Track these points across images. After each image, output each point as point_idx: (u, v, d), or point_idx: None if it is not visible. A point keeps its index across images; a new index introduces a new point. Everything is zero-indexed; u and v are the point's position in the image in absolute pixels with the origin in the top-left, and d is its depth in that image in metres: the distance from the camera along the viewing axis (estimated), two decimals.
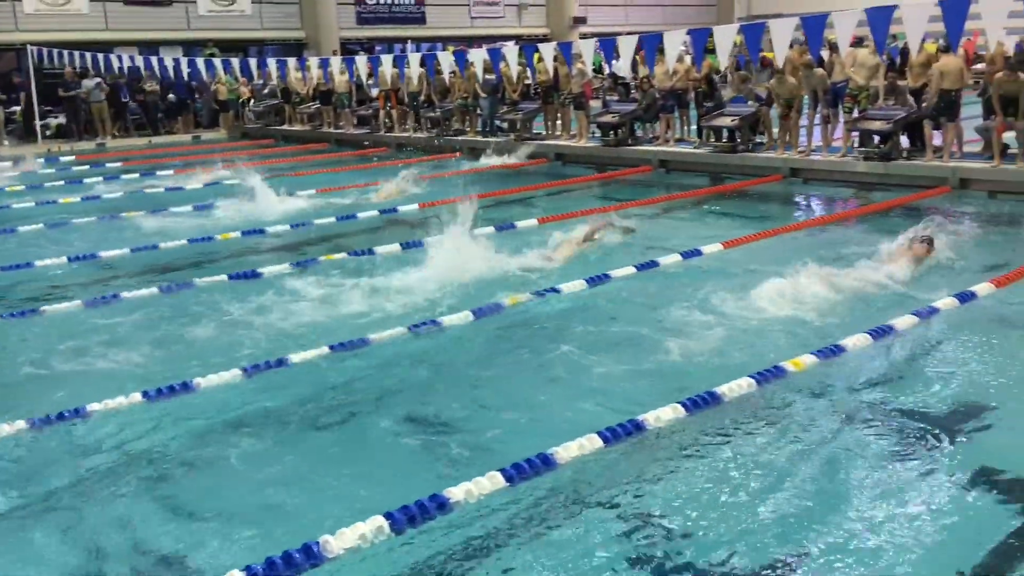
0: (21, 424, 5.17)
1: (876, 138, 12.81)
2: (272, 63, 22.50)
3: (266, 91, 24.09)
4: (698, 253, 8.72)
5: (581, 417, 5.11)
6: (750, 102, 14.63)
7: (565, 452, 4.52)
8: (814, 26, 13.04)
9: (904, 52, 16.14)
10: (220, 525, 4.18)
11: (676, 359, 6.06)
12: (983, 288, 7.15)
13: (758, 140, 14.70)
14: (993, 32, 11.71)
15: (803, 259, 8.22)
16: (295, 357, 6.17)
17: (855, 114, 12.98)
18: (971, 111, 12.98)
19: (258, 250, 10.12)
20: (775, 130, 14.19)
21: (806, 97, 13.66)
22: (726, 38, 14.30)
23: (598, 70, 23.48)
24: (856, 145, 13.13)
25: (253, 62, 22.86)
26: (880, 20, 12.29)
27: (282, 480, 4.60)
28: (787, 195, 12.66)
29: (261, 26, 28.96)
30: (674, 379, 5.70)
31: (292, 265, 8.91)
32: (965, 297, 6.96)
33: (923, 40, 12.78)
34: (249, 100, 24.14)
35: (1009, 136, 11.65)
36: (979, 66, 17.95)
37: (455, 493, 4.13)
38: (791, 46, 13.32)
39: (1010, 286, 7.28)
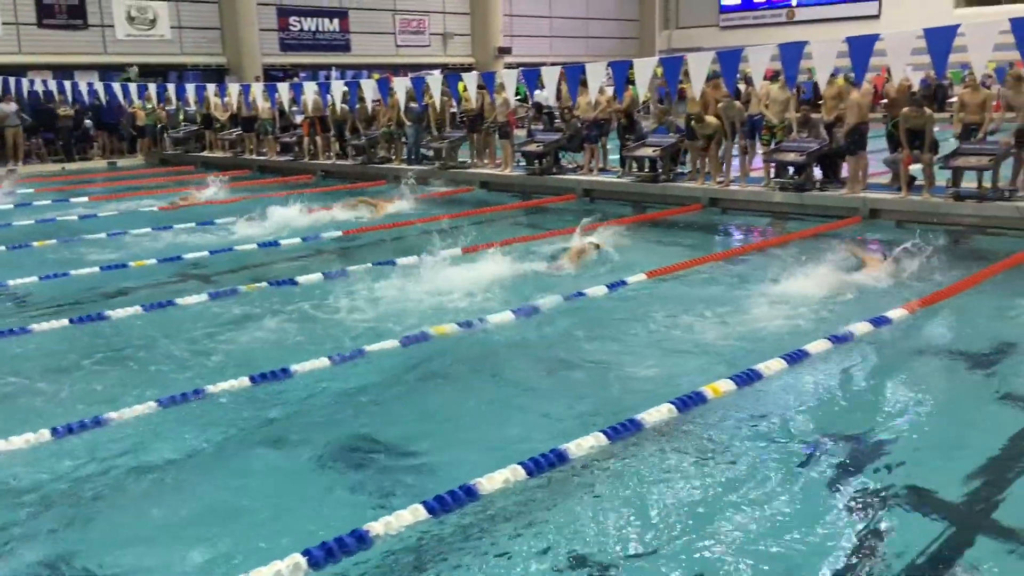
0: None
1: (791, 169, 13.23)
2: (191, 88, 22.10)
3: (181, 117, 23.63)
4: (623, 284, 8.82)
5: (507, 447, 5.09)
6: (671, 133, 14.96)
7: (488, 483, 4.49)
8: (729, 60, 13.44)
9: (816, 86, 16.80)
10: (130, 564, 4.02)
11: (599, 388, 6.11)
12: (896, 313, 7.41)
13: (679, 170, 15.02)
14: (897, 68, 12.25)
15: (723, 287, 8.43)
16: (212, 388, 6.02)
17: (772, 146, 13.40)
18: (879, 144, 13.49)
19: (175, 278, 9.86)
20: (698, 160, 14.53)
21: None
22: (646, 70, 14.64)
23: (523, 100, 23.72)
24: (772, 176, 13.53)
25: (171, 87, 22.42)
26: (791, 55, 12.73)
27: (198, 516, 4.46)
28: (707, 224, 12.93)
29: (181, 51, 28.52)
30: (597, 408, 5.73)
31: (210, 295, 8.70)
32: (879, 322, 7.20)
33: (833, 75, 13.30)
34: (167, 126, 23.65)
35: (916, 168, 12.15)
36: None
37: (375, 527, 4.06)
38: (708, 79, 13.69)
39: (920, 311, 7.56)
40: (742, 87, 14.80)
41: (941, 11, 29.52)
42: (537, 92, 19.91)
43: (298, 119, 21.66)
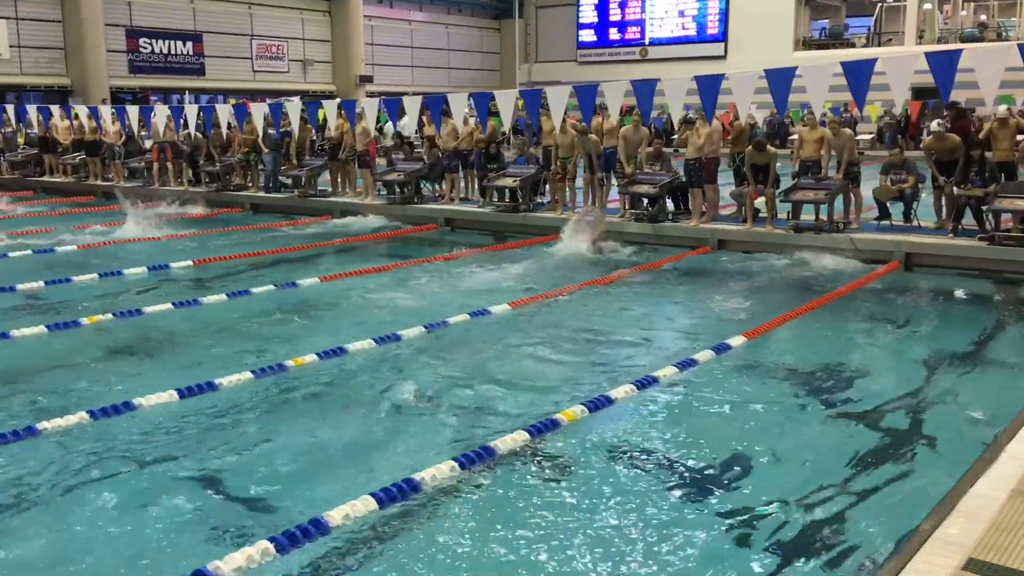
0: None
1: (645, 201, 13.70)
2: (32, 110, 20.88)
3: (21, 140, 22.30)
4: (487, 312, 8.87)
5: (358, 477, 5.03)
6: (530, 164, 15.23)
7: (337, 515, 4.41)
8: (586, 95, 13.85)
9: (669, 121, 17.54)
10: None
11: (454, 417, 6.12)
12: (736, 340, 7.76)
13: (540, 200, 15.29)
14: (742, 107, 12.94)
15: (581, 316, 8.63)
16: (48, 425, 5.65)
17: (625, 179, 13.86)
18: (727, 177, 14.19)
19: (7, 310, 9.22)
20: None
21: (581, 160, 14.41)
22: (507, 102, 14.89)
23: (381, 129, 23.64)
24: (628, 207, 13.97)
25: (11, 108, 21.12)
26: (644, 91, 13.24)
27: (24, 558, 4.16)
28: (567, 254, 13.19)
29: (20, 71, 26.96)
30: (451, 436, 5.74)
31: (48, 328, 8.17)
32: (721, 348, 7.53)
33: (685, 111, 13.93)
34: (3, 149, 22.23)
35: (759, 201, 12.83)
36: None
37: (220, 567, 3.91)
38: (566, 112, 14.06)
39: (758, 337, 7.96)
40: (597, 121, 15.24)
41: (781, 54, 31.43)
42: (399, 122, 19.91)
43: (148, 143, 20.81)
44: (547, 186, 15.27)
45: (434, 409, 6.26)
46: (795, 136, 14.60)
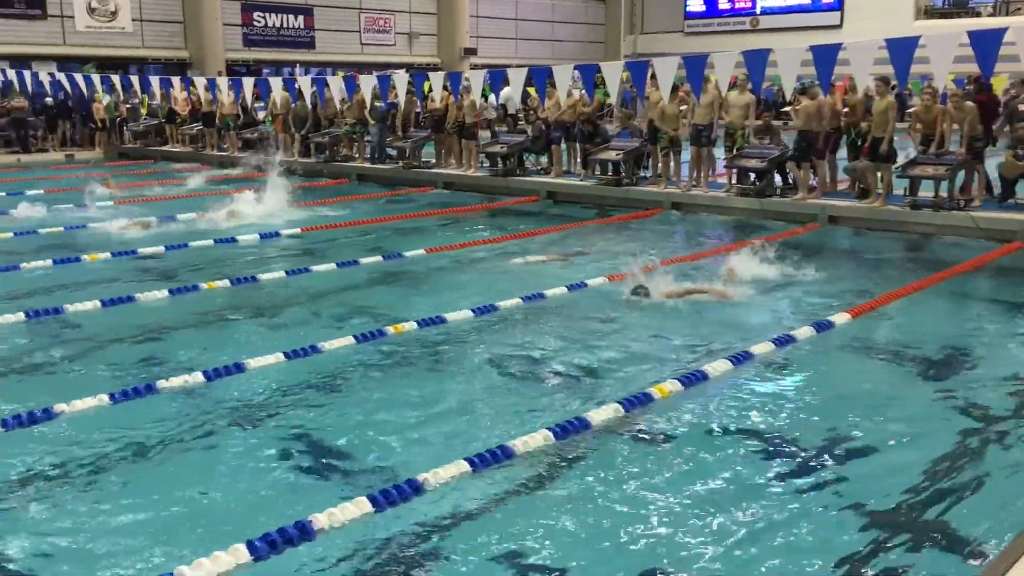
0: None
1: (752, 175, 13.36)
2: (156, 82, 21.77)
3: (144, 111, 23.31)
4: (583, 285, 8.84)
5: (453, 443, 5.10)
6: (634, 137, 15.04)
7: (433, 478, 4.50)
8: (695, 66, 13.54)
9: (781, 93, 17.05)
10: (75, 556, 3.94)
11: (551, 386, 6.14)
12: (840, 318, 7.51)
13: (643, 174, 15.10)
14: (861, 78, 12.43)
15: (676, 288, 8.52)
16: (165, 384, 5.94)
17: (733, 152, 13.54)
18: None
19: (130, 274, 9.69)
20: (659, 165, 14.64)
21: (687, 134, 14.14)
22: (613, 74, 14.70)
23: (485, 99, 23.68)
24: (734, 181, 13.67)
25: (135, 80, 22.07)
26: (756, 63, 12.86)
27: (142, 508, 4.39)
28: (668, 228, 13.01)
29: (143, 44, 28.09)
30: (545, 406, 5.75)
31: (169, 292, 8.56)
32: (822, 326, 7.30)
33: (799, 83, 13.50)
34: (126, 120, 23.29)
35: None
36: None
37: (319, 519, 4.05)
38: (675, 86, 13.80)
39: (864, 316, 7.67)
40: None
41: (901, 23, 30.00)
42: (503, 94, 19.92)
43: (260, 115, 21.45)
44: (650, 159, 15.06)
45: (529, 379, 6.28)
46: (913, 109, 13.95)
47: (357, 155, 18.93)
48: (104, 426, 5.37)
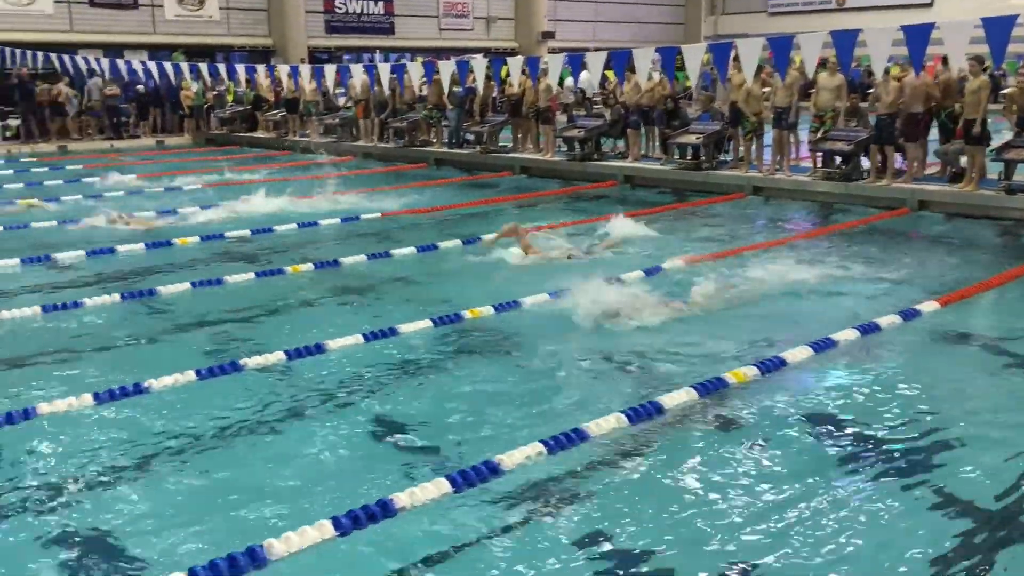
0: None
1: (838, 159, 13.01)
2: (241, 69, 22.31)
3: (230, 97, 23.91)
4: (659, 269, 8.76)
5: (528, 426, 5.13)
6: (715, 120, 14.78)
7: (510, 460, 4.54)
8: (781, 47, 13.22)
9: (870, 74, 16.51)
10: (164, 527, 4.10)
11: (628, 370, 6.11)
12: (929, 306, 7.28)
13: (723, 158, 14.85)
14: (955, 57, 11.96)
15: (757, 275, 8.37)
16: (249, 362, 6.10)
17: (819, 135, 13.20)
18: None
19: (219, 257, 9.98)
20: (740, 149, 14.38)
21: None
22: (694, 56, 14.46)
23: (562, 84, 23.58)
24: (819, 165, 13.34)
25: (222, 67, 22.66)
26: (845, 43, 12.49)
27: (229, 482, 4.54)
28: (749, 213, 12.78)
29: (228, 32, 28.78)
30: (620, 389, 5.73)
31: (256, 275, 8.79)
32: (909, 314, 7.08)
33: (889, 62, 13.05)
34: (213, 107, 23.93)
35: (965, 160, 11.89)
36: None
37: (400, 498, 4.12)
38: (759, 68, 13.50)
39: (954, 305, 7.41)
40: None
41: (994, 3, 28.70)
42: (580, 77, 19.80)
43: (341, 101, 21.77)
44: (731, 143, 14.80)
45: (604, 363, 6.25)
46: (1009, 90, 13.36)
47: (435, 140, 19.08)
48: (191, 402, 5.57)
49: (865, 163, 13.00)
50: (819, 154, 13.33)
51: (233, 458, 4.84)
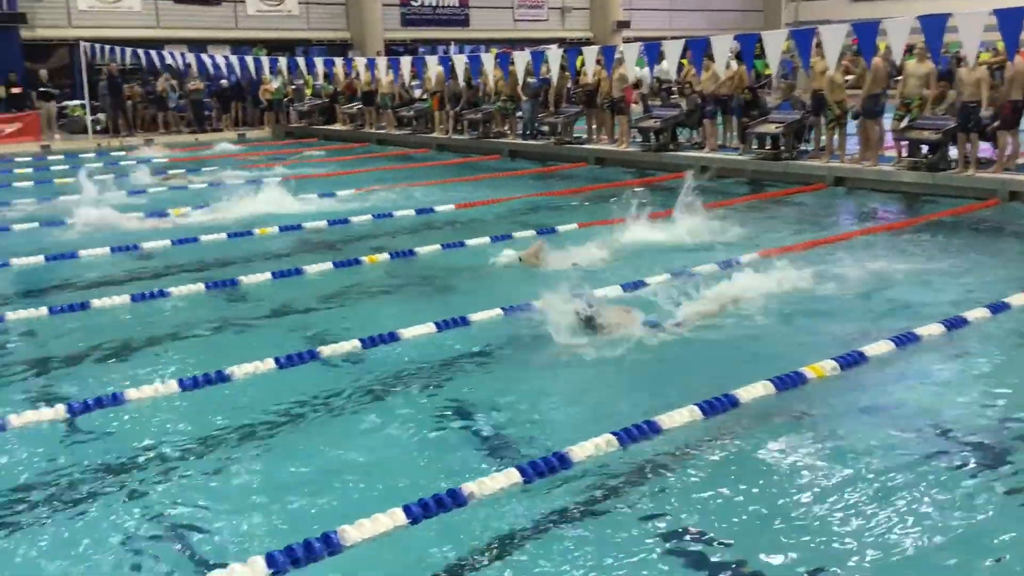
0: (61, 409, 5.28)
1: (924, 148, 12.57)
2: (319, 63, 22.70)
3: (309, 91, 24.34)
4: (736, 261, 8.60)
5: (600, 417, 5.10)
6: (795, 109, 14.43)
7: (580, 451, 4.53)
8: (866, 33, 12.82)
9: (959, 61, 15.83)
10: (243, 511, 4.20)
11: (698, 360, 6.04)
12: (1018, 299, 6.99)
13: (803, 147, 14.49)
14: None
15: (838, 268, 8.16)
16: (326, 350, 6.21)
17: (904, 123, 12.77)
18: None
19: (297, 247, 10.17)
20: (822, 138, 14.02)
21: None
22: (775, 44, 14.13)
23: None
24: (904, 155, 12.91)
25: (301, 61, 23.08)
26: (934, 28, 12.04)
27: (304, 468, 4.63)
28: (830, 204, 12.45)
29: (308, 26, 29.26)
30: (691, 381, 5.64)
31: (334, 265, 8.94)
32: (997, 308, 6.82)
33: (981, 49, 12.55)
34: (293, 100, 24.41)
35: None
36: None
37: (470, 487, 4.15)
38: (842, 55, 13.12)
39: None
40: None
41: None
42: (656, 67, 19.55)
43: (416, 93, 21.94)
44: (812, 132, 14.43)
45: (679, 354, 6.18)
46: None
47: (509, 131, 19.09)
48: (270, 389, 5.69)
49: (953, 152, 12.53)
50: (904, 143, 12.90)
51: (309, 445, 4.93)
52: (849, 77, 13.70)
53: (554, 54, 17.74)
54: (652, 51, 16.86)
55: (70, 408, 5.31)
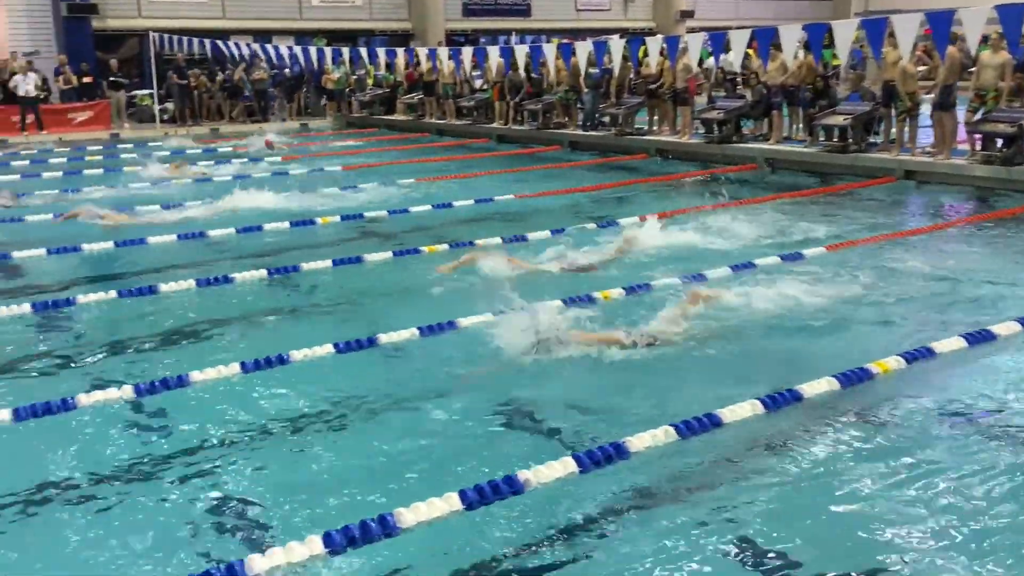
0: (128, 390, 5.41)
1: (999, 142, 12.15)
2: (381, 53, 22.84)
3: (370, 81, 24.54)
4: (799, 256, 8.43)
5: (659, 409, 5.05)
6: (865, 100, 14.07)
7: (638, 442, 4.48)
8: (940, 22, 12.43)
9: None
10: (302, 492, 4.24)
11: (761, 355, 5.94)
12: None
13: (872, 140, 14.13)
14: None
15: (907, 263, 7.95)
16: (384, 338, 6.23)
17: (979, 116, 12.35)
18: None
19: (358, 236, 10.25)
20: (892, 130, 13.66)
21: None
22: (845, 33, 13.79)
23: (700, 64, 22.98)
24: (978, 148, 12.50)
25: (363, 51, 23.28)
26: (1012, 17, 11.62)
27: (364, 451, 4.66)
28: (899, 198, 12.12)
29: (370, 16, 29.47)
30: (757, 375, 5.54)
31: (394, 254, 8.98)
32: None
33: None
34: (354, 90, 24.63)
35: None
36: None
37: (526, 474, 4.13)
38: (915, 45, 12.74)
39: None
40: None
41: None
42: (722, 57, 19.26)
43: (477, 83, 21.96)
44: (881, 124, 14.05)
45: (741, 347, 6.07)
46: None
47: (569, 122, 18.99)
48: (329, 374, 5.74)
49: None
50: (978, 136, 12.48)
51: (367, 428, 4.96)
52: (922, 68, 13.30)
53: (616, 44, 17.58)
54: (718, 41, 16.60)
55: (137, 389, 5.42)
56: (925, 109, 13.52)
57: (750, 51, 16.03)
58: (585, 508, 4.04)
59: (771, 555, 3.68)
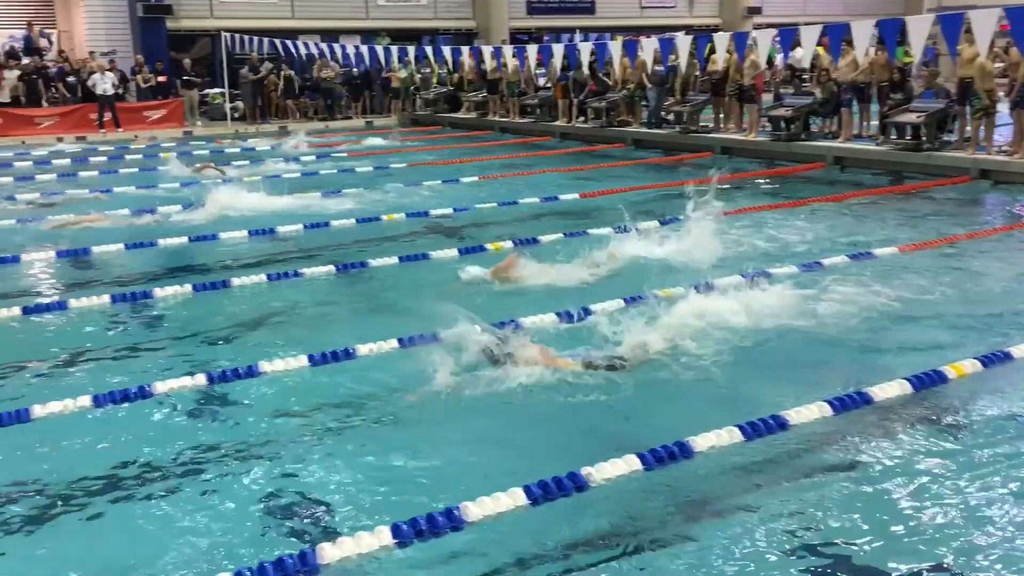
0: (201, 378, 5.58)
1: None
2: (447, 51, 23.00)
3: (435, 79, 24.73)
4: (869, 255, 8.26)
5: (725, 410, 4.99)
6: (939, 97, 13.70)
7: (703, 441, 4.47)
8: (1019, 18, 12.03)
9: None
10: (369, 483, 4.32)
11: (829, 357, 5.84)
12: None
13: (946, 138, 13.76)
14: None
15: (981, 264, 7.74)
16: (447, 334, 6.25)
17: None
18: None
19: (423, 233, 10.35)
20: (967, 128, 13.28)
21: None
22: (920, 29, 13.44)
23: (770, 62, 22.62)
24: None
25: (429, 50, 23.47)
26: None
27: (429, 446, 4.70)
28: (974, 198, 11.78)
29: (435, 15, 29.68)
30: (818, 377, 5.47)
31: (459, 251, 9.05)
32: None
33: None
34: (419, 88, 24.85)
35: None
36: None
37: (591, 472, 4.14)
38: (992, 41, 12.37)
39: None
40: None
41: None
42: (790, 53, 18.94)
43: (541, 81, 21.97)
44: (956, 122, 13.67)
45: (809, 348, 5.98)
46: None
47: (633, 120, 18.88)
48: (392, 368, 5.79)
49: None
50: None
51: (432, 424, 5.00)
52: (999, 65, 12.90)
53: (683, 41, 17.41)
54: (787, 37, 16.34)
55: (209, 377, 5.58)
56: (1002, 107, 13.13)
57: (819, 48, 15.73)
58: (650, 505, 4.04)
59: (842, 557, 3.63)
